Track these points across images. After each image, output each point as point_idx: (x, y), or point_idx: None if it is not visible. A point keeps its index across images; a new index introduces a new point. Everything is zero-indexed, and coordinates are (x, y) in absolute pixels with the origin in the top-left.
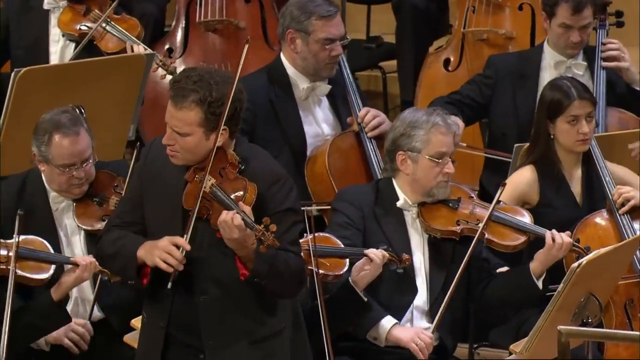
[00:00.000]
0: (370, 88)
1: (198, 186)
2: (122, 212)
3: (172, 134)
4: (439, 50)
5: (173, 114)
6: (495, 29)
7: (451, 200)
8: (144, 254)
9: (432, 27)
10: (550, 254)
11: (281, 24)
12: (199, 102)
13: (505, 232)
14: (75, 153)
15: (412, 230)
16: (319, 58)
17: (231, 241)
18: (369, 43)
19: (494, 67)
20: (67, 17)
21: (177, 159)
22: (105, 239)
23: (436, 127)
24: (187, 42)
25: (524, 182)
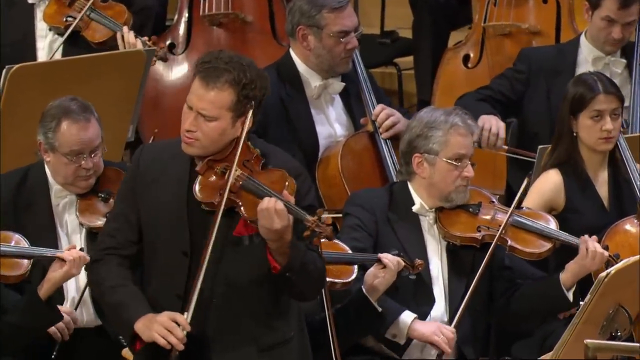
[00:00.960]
0: (384, 86)
1: (219, 178)
2: (115, 229)
3: (197, 118)
4: (458, 46)
5: (202, 96)
6: (517, 23)
7: (471, 205)
8: (142, 328)
9: (452, 22)
10: (584, 265)
11: (290, 21)
12: (233, 82)
13: (529, 239)
14: (84, 140)
15: (429, 237)
16: (334, 53)
17: (270, 232)
18: (384, 38)
19: (526, 61)
20: (52, 9)
21: (193, 148)
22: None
23: (455, 127)
24: (190, 37)
25: (550, 186)
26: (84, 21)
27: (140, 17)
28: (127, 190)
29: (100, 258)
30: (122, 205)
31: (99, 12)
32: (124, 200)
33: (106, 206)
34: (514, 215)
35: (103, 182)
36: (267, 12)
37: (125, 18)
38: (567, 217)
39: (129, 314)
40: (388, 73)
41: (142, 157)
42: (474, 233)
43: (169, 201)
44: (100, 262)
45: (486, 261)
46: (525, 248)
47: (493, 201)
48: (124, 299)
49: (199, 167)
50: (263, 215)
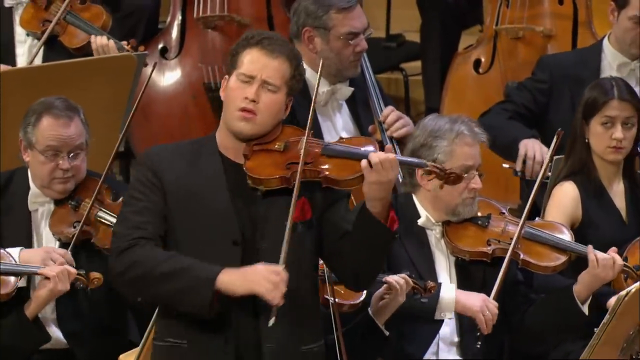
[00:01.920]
0: (390, 93)
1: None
2: (144, 222)
3: (260, 88)
4: (468, 50)
5: (266, 63)
6: (532, 26)
7: (480, 217)
8: (233, 280)
9: (462, 24)
10: (596, 276)
11: (295, 22)
12: (291, 56)
13: (543, 252)
14: (62, 137)
15: (437, 252)
16: (343, 56)
17: (383, 185)
18: (389, 42)
19: (547, 69)
20: (29, 14)
21: (252, 124)
22: (147, 252)
23: (461, 137)
24: (184, 40)
25: (569, 200)
26: (60, 25)
27: (130, 20)
28: (150, 185)
29: (134, 244)
30: (146, 199)
31: (75, 15)
32: (148, 195)
33: (75, 214)
34: (526, 227)
35: (78, 191)
36: (265, 15)
37: (102, 21)
38: (585, 231)
39: (205, 271)
40: (394, 79)
41: (153, 157)
42: (484, 247)
43: (208, 192)
44: (135, 246)
45: (501, 278)
46: (539, 262)
47: (503, 212)
48: (190, 262)
49: (245, 150)
50: (378, 169)
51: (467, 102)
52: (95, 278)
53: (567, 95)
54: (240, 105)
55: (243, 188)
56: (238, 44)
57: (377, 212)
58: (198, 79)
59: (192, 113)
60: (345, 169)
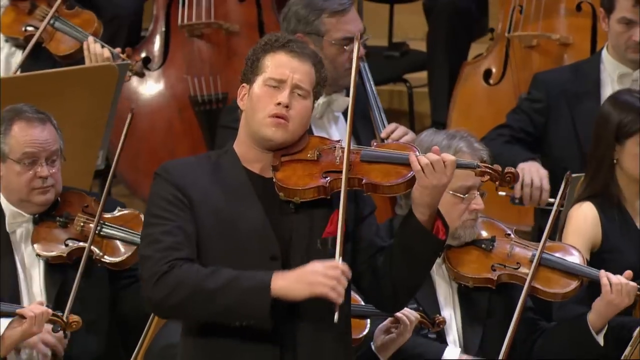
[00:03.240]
0: (392, 106)
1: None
2: (178, 243)
3: (291, 94)
4: (478, 60)
5: (296, 67)
6: (547, 34)
7: (484, 240)
8: (290, 284)
9: (472, 32)
10: (610, 302)
11: (285, 29)
12: (317, 63)
13: (552, 277)
14: (39, 141)
15: (438, 279)
16: (338, 63)
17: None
18: (392, 51)
19: (542, 87)
20: (10, 17)
21: (283, 130)
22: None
23: (459, 155)
24: (168, 50)
25: (588, 222)
26: (47, 31)
27: (111, 27)
28: (178, 202)
29: (174, 265)
30: (177, 218)
31: (65, 21)
32: (177, 214)
33: (65, 231)
34: (532, 250)
35: (62, 206)
36: (256, 21)
37: (94, 27)
38: (605, 257)
39: (256, 278)
40: (397, 91)
41: (174, 172)
42: (488, 273)
43: (239, 207)
44: (175, 268)
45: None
46: (548, 289)
47: (509, 234)
48: (237, 273)
49: (274, 162)
50: (429, 171)
51: (476, 116)
52: (74, 321)
53: (566, 113)
54: (271, 112)
55: (273, 201)
56: (256, 49)
57: (425, 220)
58: (183, 91)
59: (178, 129)
60: (389, 174)
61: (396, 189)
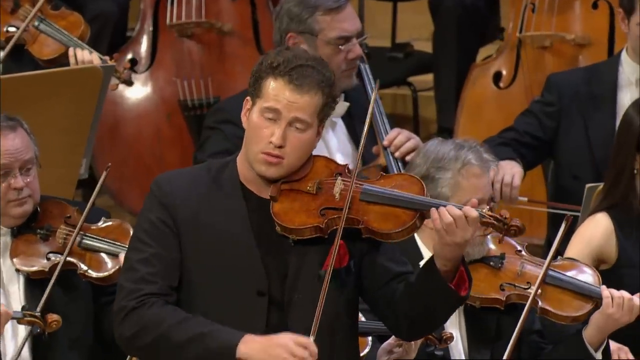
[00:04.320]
0: (396, 111)
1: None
2: (152, 274)
3: (287, 129)
4: (488, 61)
5: (295, 100)
6: (561, 34)
7: (492, 257)
8: (254, 353)
9: (481, 32)
10: (610, 316)
11: (278, 28)
12: (323, 82)
13: (564, 299)
14: (11, 151)
15: None
16: (333, 64)
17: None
18: (395, 52)
19: (555, 89)
20: None
21: (278, 169)
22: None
23: (468, 167)
24: (156, 51)
25: (599, 233)
26: (30, 33)
27: (94, 26)
28: (162, 226)
29: (143, 303)
30: (157, 245)
31: (49, 23)
32: (159, 239)
33: (47, 244)
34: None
35: (43, 217)
36: (250, 20)
37: (81, 30)
38: (621, 272)
39: (222, 339)
40: (401, 95)
41: (173, 188)
42: (497, 293)
43: (231, 234)
44: (143, 306)
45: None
46: (559, 311)
47: (520, 250)
48: (204, 328)
49: (273, 192)
50: (451, 229)
51: (485, 121)
52: (54, 321)
53: (579, 117)
54: (264, 149)
55: (269, 229)
56: (262, 65)
57: (447, 270)
58: (172, 95)
59: (166, 135)
60: (388, 219)
61: (395, 236)
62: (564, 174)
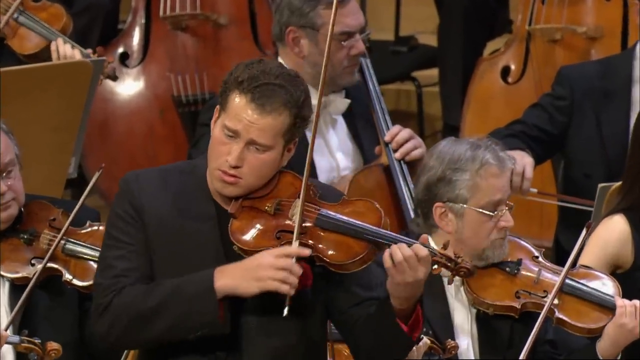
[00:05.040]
0: (400, 107)
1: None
2: (128, 269)
3: (245, 150)
4: (495, 55)
5: (255, 121)
6: (572, 26)
7: (509, 262)
8: (237, 281)
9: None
10: (624, 326)
11: (277, 21)
12: (290, 102)
13: (583, 310)
14: None
15: (456, 303)
16: (335, 60)
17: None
18: (399, 45)
19: (567, 83)
20: None
21: (236, 188)
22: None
23: (486, 167)
24: (148, 44)
25: (615, 236)
26: (10, 26)
27: (85, 18)
28: (133, 222)
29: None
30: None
31: (30, 15)
32: (132, 235)
33: (30, 249)
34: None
35: (27, 220)
36: (247, 12)
37: (63, 23)
38: (637, 275)
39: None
40: (404, 90)
41: (140, 186)
42: (512, 301)
43: (197, 244)
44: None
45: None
46: (577, 322)
47: (537, 256)
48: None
49: (233, 209)
50: (402, 268)
51: (493, 118)
52: (53, 349)
53: (592, 113)
54: (221, 166)
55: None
56: (230, 77)
57: (403, 308)
58: (166, 90)
59: (159, 132)
60: (340, 249)
61: (346, 268)
62: (575, 172)
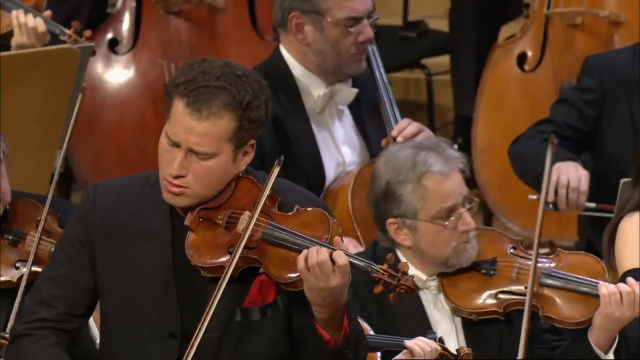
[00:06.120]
0: (408, 97)
1: (223, 231)
2: (54, 297)
3: (187, 158)
4: (511, 41)
5: (192, 128)
6: (594, 10)
7: (483, 263)
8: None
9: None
10: (610, 315)
11: (279, 6)
12: (232, 104)
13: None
14: None
15: (436, 313)
16: (341, 47)
17: (323, 293)
18: (407, 31)
19: (595, 73)
20: None
21: (183, 198)
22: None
23: (428, 175)
24: (139, 30)
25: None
26: None
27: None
28: (78, 245)
29: (28, 333)
30: (68, 265)
31: None
32: (72, 259)
33: (15, 252)
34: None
35: (12, 219)
36: None
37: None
38: None
39: None
40: (413, 79)
41: (97, 202)
42: (493, 304)
43: (147, 266)
44: (27, 337)
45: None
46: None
47: (515, 248)
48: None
49: (188, 221)
50: (314, 273)
51: (508, 108)
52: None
53: (624, 104)
54: (166, 176)
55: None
56: (173, 79)
57: (324, 318)
58: (158, 79)
59: (151, 124)
60: (285, 265)
61: (291, 285)
62: (606, 169)
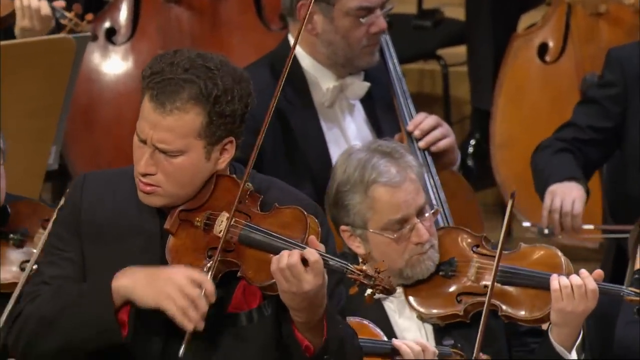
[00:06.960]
0: (423, 89)
1: (203, 234)
2: (53, 277)
3: (154, 155)
4: (531, 31)
5: (156, 123)
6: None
7: (442, 264)
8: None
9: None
10: (563, 309)
11: None
12: (200, 97)
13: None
14: None
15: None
16: (352, 39)
17: (297, 297)
18: (422, 20)
19: (617, 66)
20: None
21: (155, 198)
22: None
23: (375, 186)
24: (138, 18)
25: None
26: None
27: None
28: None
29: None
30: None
31: None
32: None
33: (22, 252)
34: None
35: (14, 220)
36: None
37: None
38: None
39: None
40: (428, 70)
41: (85, 193)
42: (454, 307)
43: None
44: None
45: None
46: (522, 315)
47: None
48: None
49: (168, 224)
50: (285, 276)
51: (529, 102)
52: None
53: None
54: (137, 175)
55: None
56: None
57: (302, 322)
58: None
59: None
60: (261, 267)
61: (269, 289)
62: (630, 171)
